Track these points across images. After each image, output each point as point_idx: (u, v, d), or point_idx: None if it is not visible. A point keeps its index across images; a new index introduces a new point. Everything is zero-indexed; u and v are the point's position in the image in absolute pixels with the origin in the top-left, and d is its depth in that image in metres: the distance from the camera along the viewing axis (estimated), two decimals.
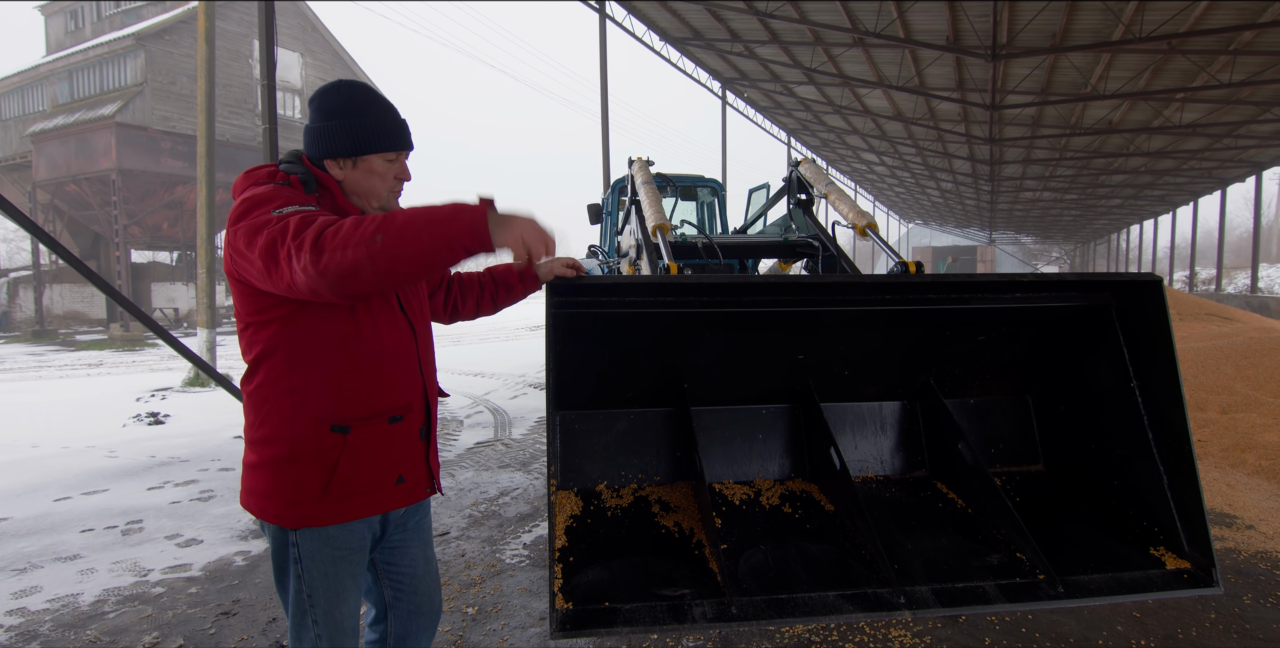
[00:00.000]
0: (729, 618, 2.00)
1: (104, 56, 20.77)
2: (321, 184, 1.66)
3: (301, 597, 1.65)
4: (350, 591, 1.71)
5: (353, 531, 1.67)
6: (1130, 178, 24.58)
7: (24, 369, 13.15)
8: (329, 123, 1.66)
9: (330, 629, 1.68)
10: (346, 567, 1.68)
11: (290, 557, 1.64)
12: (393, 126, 1.70)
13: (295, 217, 1.42)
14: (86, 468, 5.64)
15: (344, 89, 1.71)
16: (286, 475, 1.59)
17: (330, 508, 1.61)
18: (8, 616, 3.07)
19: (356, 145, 1.65)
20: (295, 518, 1.60)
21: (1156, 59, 11.90)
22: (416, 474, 1.77)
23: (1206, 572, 2.21)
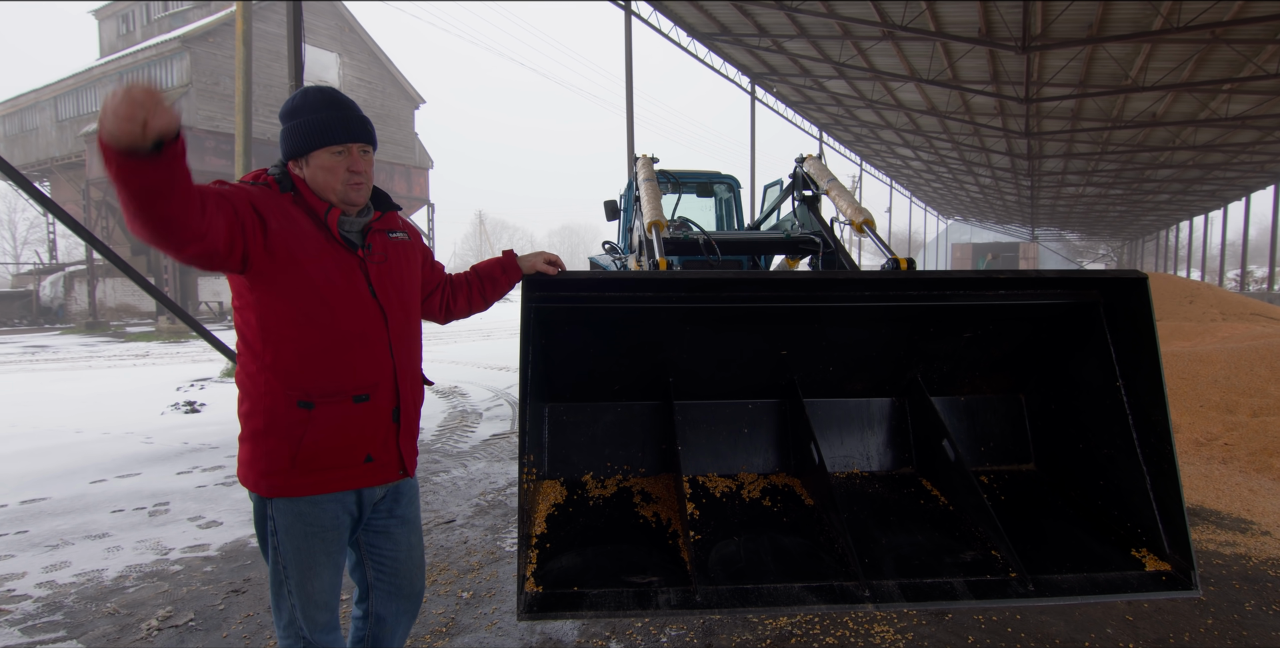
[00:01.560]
0: (692, 606, 2.06)
1: (152, 58, 21.55)
2: (293, 183, 1.81)
3: (278, 568, 1.77)
4: (323, 566, 1.80)
5: (324, 508, 1.77)
6: (1178, 172, 23.71)
7: (75, 359, 13.78)
8: (283, 127, 1.83)
9: (304, 601, 1.78)
10: (319, 543, 1.78)
11: (268, 529, 1.76)
12: (331, 121, 1.79)
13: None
14: (123, 453, 5.92)
15: (298, 94, 1.85)
16: (262, 446, 1.72)
17: (300, 480, 1.73)
18: (37, 588, 3.27)
19: (301, 143, 1.79)
20: (269, 487, 1.73)
21: (1200, 49, 11.47)
22: (387, 455, 1.86)
23: (1185, 575, 2.19)
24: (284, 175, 1.80)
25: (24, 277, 28.14)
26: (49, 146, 25.13)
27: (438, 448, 6.09)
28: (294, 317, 1.72)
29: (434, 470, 5.33)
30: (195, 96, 20.92)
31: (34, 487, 4.92)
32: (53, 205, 5.57)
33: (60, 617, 2.99)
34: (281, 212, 1.74)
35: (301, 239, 1.73)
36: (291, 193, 1.78)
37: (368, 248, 1.85)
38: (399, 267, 1.94)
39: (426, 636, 2.79)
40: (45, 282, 25.36)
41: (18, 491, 4.83)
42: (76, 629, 2.88)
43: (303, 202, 1.79)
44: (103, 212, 23.41)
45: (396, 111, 26.67)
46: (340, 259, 1.79)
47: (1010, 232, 55.70)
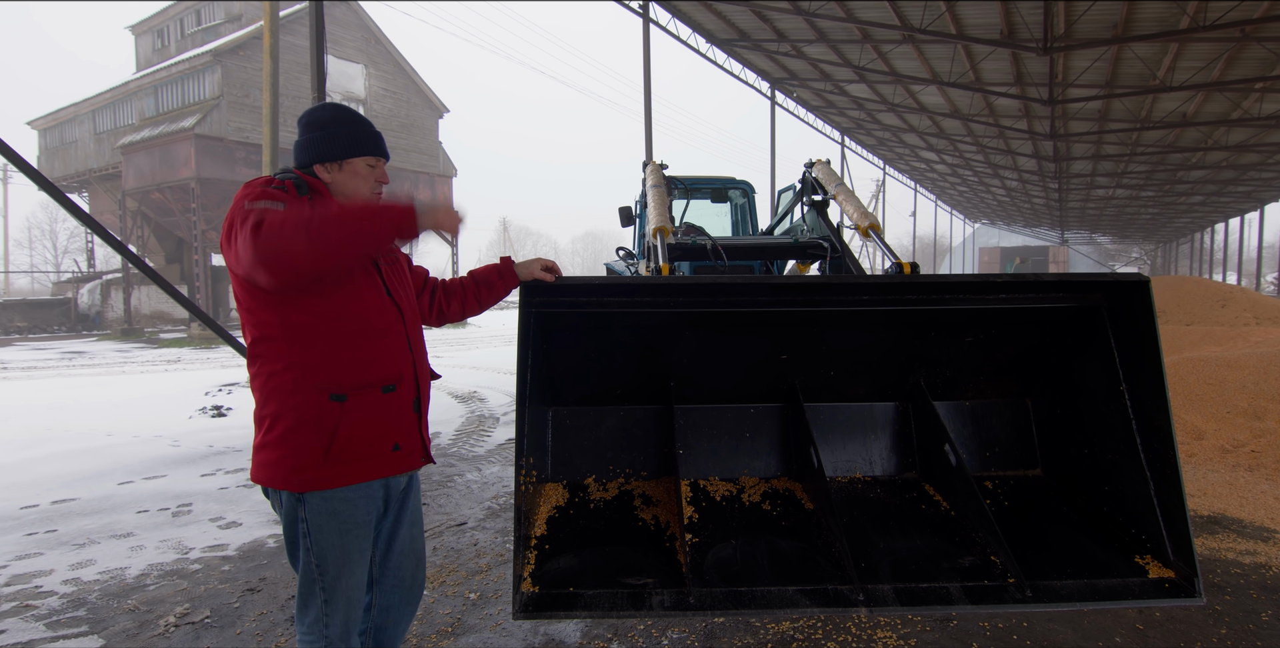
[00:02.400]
0: (685, 607, 2.08)
1: (185, 72, 22.16)
2: (312, 187, 1.88)
3: (310, 568, 1.81)
4: (357, 564, 1.86)
5: (356, 504, 1.83)
6: (1211, 173, 23.15)
7: (110, 365, 14.18)
8: (318, 134, 1.90)
9: (335, 598, 1.83)
10: (353, 540, 1.84)
11: (300, 531, 1.80)
12: (371, 136, 1.95)
13: (261, 207, 1.64)
14: (151, 455, 6.09)
15: (329, 107, 1.95)
16: (292, 443, 1.76)
17: (332, 471, 1.78)
18: (63, 584, 3.39)
19: (343, 149, 1.89)
20: (301, 482, 1.76)
21: (1230, 47, 11.22)
22: (411, 444, 1.95)
23: (1189, 582, 2.17)
24: (300, 180, 1.87)
25: (63, 284, 29.05)
26: (87, 158, 25.95)
27: (454, 452, 6.18)
28: (329, 314, 1.79)
29: (449, 474, 5.41)
30: (226, 108, 21.46)
31: (65, 488, 5.09)
32: (89, 219, 5.75)
33: (83, 613, 3.10)
34: None
35: None
36: (309, 196, 1.85)
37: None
38: (401, 269, 2.06)
39: (432, 635, 2.83)
40: (83, 289, 26.15)
41: (49, 491, 5.00)
42: (98, 625, 2.98)
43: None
44: (138, 221, 24.08)
45: (421, 121, 27.09)
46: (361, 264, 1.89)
47: (1040, 235, 54.74)
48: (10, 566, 3.64)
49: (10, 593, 3.31)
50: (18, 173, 42.58)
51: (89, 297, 25.86)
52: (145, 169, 22.44)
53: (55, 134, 27.51)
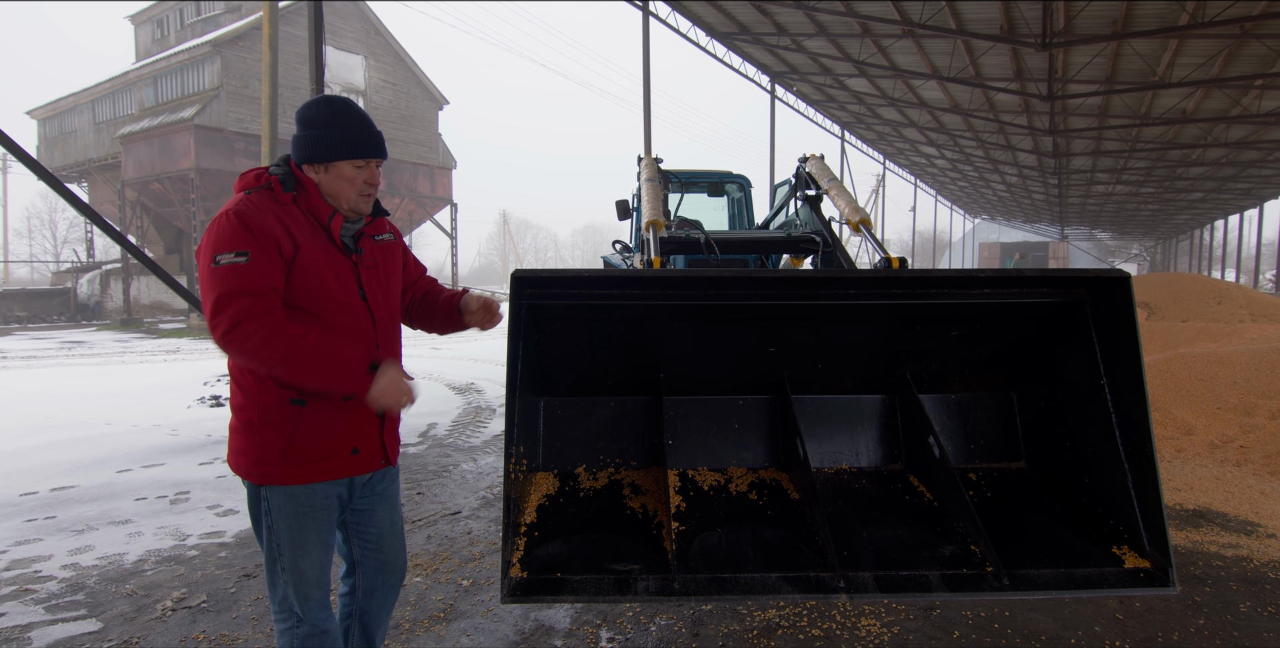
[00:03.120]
0: (670, 593, 2.12)
1: (185, 62, 22.10)
2: (300, 184, 1.89)
3: (272, 547, 1.88)
4: (314, 544, 1.91)
5: (314, 490, 1.88)
6: (1211, 170, 23.14)
7: (109, 355, 14.22)
8: (305, 132, 1.89)
9: (296, 578, 1.89)
10: (310, 522, 1.89)
11: (261, 509, 1.87)
12: (359, 137, 1.91)
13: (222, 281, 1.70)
14: (150, 444, 6.14)
15: (323, 103, 1.92)
16: (255, 438, 1.83)
17: (290, 470, 1.84)
18: (62, 569, 3.45)
19: (326, 152, 1.87)
20: (261, 476, 1.84)
21: (1229, 44, 11.21)
22: (370, 447, 1.97)
23: (1163, 572, 2.21)
24: (288, 175, 1.88)
25: (63, 274, 29.05)
26: (87, 148, 25.90)
27: (450, 442, 6.23)
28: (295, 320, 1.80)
29: (444, 465, 5.46)
30: (226, 99, 21.42)
31: (64, 475, 5.14)
32: (89, 210, 5.79)
33: (81, 597, 3.15)
34: (292, 221, 1.82)
35: (308, 247, 1.83)
36: (294, 193, 1.86)
37: (360, 252, 1.97)
38: (386, 270, 2.05)
39: (425, 621, 2.89)
40: (83, 279, 26.15)
41: (49, 479, 5.05)
42: (96, 609, 3.03)
43: (305, 203, 1.87)
44: (137, 212, 24.08)
45: (420, 113, 27.03)
46: (336, 263, 1.89)
47: (1039, 230, 54.73)
48: (10, 551, 3.69)
49: (10, 577, 3.36)
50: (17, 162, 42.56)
51: (88, 287, 25.88)
52: (144, 159, 22.42)
53: (54, 124, 27.45)
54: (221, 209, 1.79)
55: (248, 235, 1.73)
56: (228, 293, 1.69)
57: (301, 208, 1.87)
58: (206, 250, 1.74)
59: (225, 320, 1.68)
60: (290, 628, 1.92)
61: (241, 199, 1.80)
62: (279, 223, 1.79)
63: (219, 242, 1.73)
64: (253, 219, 1.75)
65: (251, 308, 1.69)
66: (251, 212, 1.76)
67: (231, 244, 1.72)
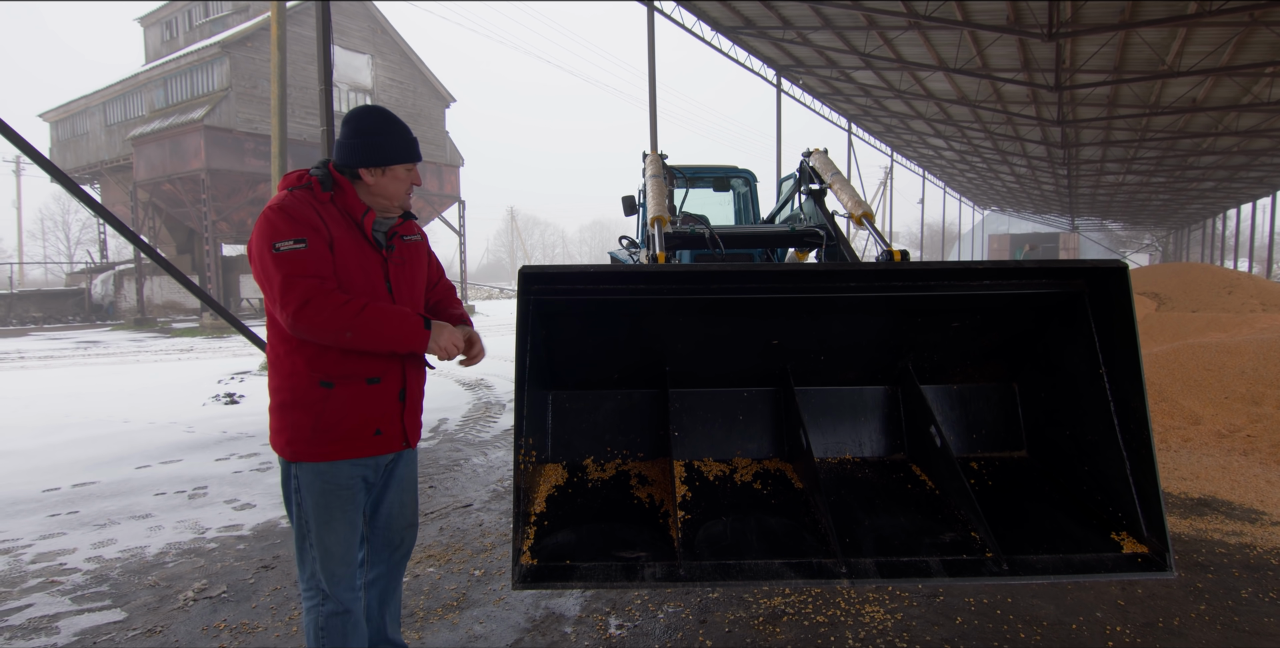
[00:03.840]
0: (676, 579, 2.19)
1: (194, 64, 22.26)
2: (337, 184, 2.06)
3: (302, 523, 2.02)
4: (340, 522, 2.03)
5: (339, 468, 2.02)
6: (1222, 159, 22.91)
7: (124, 354, 14.41)
8: (364, 139, 2.06)
9: (323, 554, 2.01)
10: (335, 500, 2.02)
11: (292, 487, 2.02)
12: (410, 143, 2.11)
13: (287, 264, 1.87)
14: (167, 441, 6.26)
15: (375, 113, 2.11)
16: (288, 417, 1.99)
17: (318, 449, 1.99)
18: (86, 562, 3.55)
19: (385, 157, 2.06)
20: (293, 453, 1.99)
21: (1239, 32, 11.10)
22: (392, 430, 2.11)
23: (1161, 557, 2.25)
24: (327, 176, 2.05)
25: (77, 275, 29.38)
26: (99, 150, 26.16)
27: (460, 437, 6.31)
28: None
29: (456, 458, 5.54)
30: (235, 99, 21.58)
31: (85, 472, 5.26)
32: (102, 210, 5.89)
33: (106, 588, 3.25)
34: (328, 216, 1.99)
35: (341, 240, 2.00)
36: (331, 192, 2.03)
37: (391, 250, 2.13)
38: (412, 267, 2.21)
39: (438, 609, 2.96)
40: (96, 280, 26.45)
41: (70, 475, 5.17)
42: (120, 599, 3.13)
43: (341, 202, 2.04)
44: (149, 212, 24.32)
45: (428, 111, 27.12)
46: (366, 257, 2.05)
47: (1049, 221, 54.32)
48: (36, 544, 3.80)
49: (37, 570, 3.46)
50: (30, 165, 43.00)
51: (102, 287, 26.17)
52: (156, 160, 22.63)
53: (67, 126, 27.72)
54: (267, 205, 1.96)
55: (301, 225, 1.92)
56: (292, 275, 1.86)
57: (338, 206, 2.04)
58: (263, 240, 1.90)
59: (294, 300, 1.84)
60: (316, 605, 2.03)
61: (286, 195, 1.97)
62: (318, 217, 1.96)
63: (276, 231, 1.90)
64: (299, 212, 1.93)
65: (315, 288, 1.87)
66: (297, 206, 1.94)
67: (289, 233, 1.90)
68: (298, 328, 1.87)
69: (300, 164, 20.36)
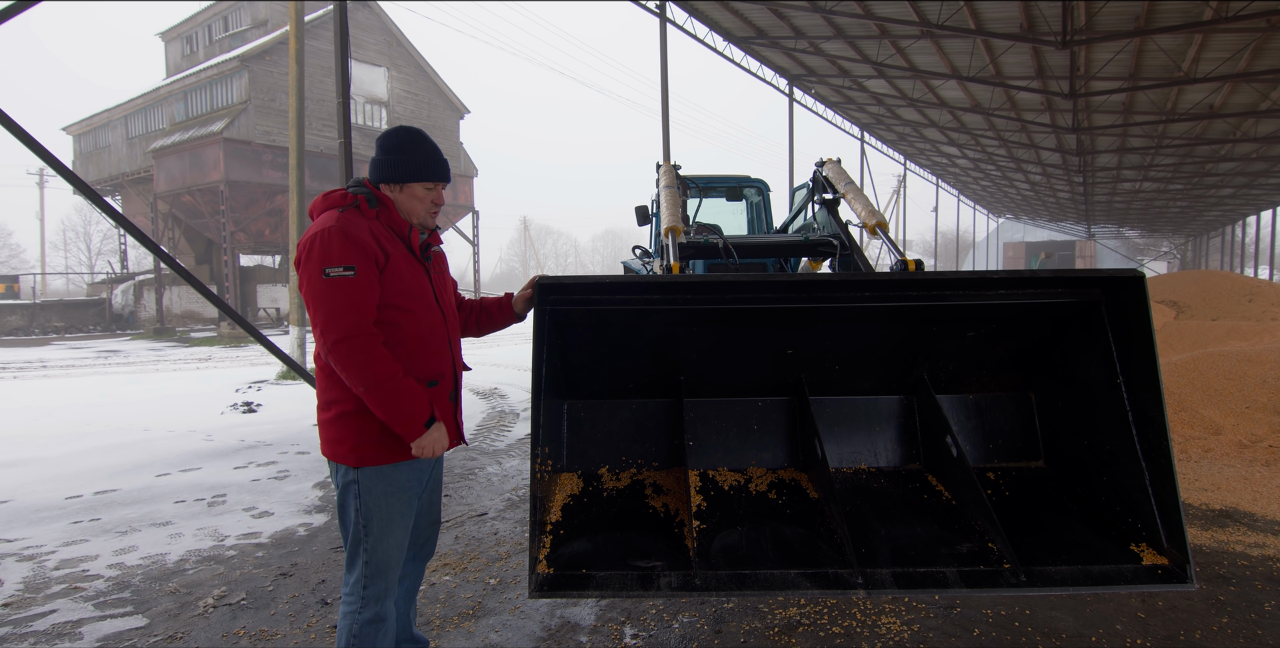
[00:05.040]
0: (692, 589, 2.19)
1: (213, 77, 22.67)
2: (381, 202, 2.15)
3: (358, 527, 2.07)
4: (398, 526, 2.11)
5: (401, 470, 2.10)
6: (1241, 165, 22.66)
7: (144, 363, 14.61)
8: (386, 157, 2.17)
9: (376, 556, 2.08)
10: (396, 502, 2.10)
11: (352, 492, 2.07)
12: (432, 163, 2.19)
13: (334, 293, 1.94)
14: (186, 449, 6.34)
15: (401, 133, 2.20)
16: (352, 426, 2.05)
17: (384, 451, 2.07)
18: (108, 568, 3.60)
19: (402, 174, 2.16)
20: (360, 459, 2.06)
21: (1256, 38, 11.01)
22: (448, 428, 2.21)
23: (1181, 568, 2.23)
24: (371, 194, 2.14)
25: (98, 285, 29.86)
26: (120, 162, 26.64)
27: (475, 446, 6.34)
28: (388, 319, 2.06)
29: (470, 467, 5.57)
30: (254, 112, 21.93)
31: (106, 480, 5.33)
32: (124, 221, 6.02)
33: (128, 594, 3.29)
34: (381, 234, 2.08)
35: (395, 255, 2.09)
36: (377, 209, 2.12)
37: (429, 260, 2.25)
38: (445, 277, 2.35)
39: (454, 617, 2.98)
40: (117, 290, 26.86)
41: (92, 483, 5.25)
42: (142, 605, 3.17)
43: (387, 218, 2.14)
44: (169, 224, 24.70)
45: (442, 122, 27.41)
46: (415, 270, 2.17)
47: (1065, 229, 53.85)
48: (59, 551, 3.86)
49: (60, 576, 3.52)
50: (53, 177, 43.84)
51: (122, 297, 26.57)
52: (176, 172, 23.01)
53: (89, 139, 28.26)
54: (322, 224, 2.01)
55: (354, 250, 1.97)
56: (339, 308, 1.94)
57: (383, 222, 2.13)
58: (314, 262, 1.96)
59: (336, 332, 1.93)
60: (354, 611, 2.07)
61: (340, 216, 2.03)
62: (372, 237, 2.03)
63: (327, 254, 1.95)
64: (354, 235, 1.99)
65: (358, 325, 1.95)
66: (351, 228, 2.00)
67: (341, 258, 1.95)
68: (332, 358, 1.96)
69: (317, 176, 20.62)
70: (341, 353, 1.93)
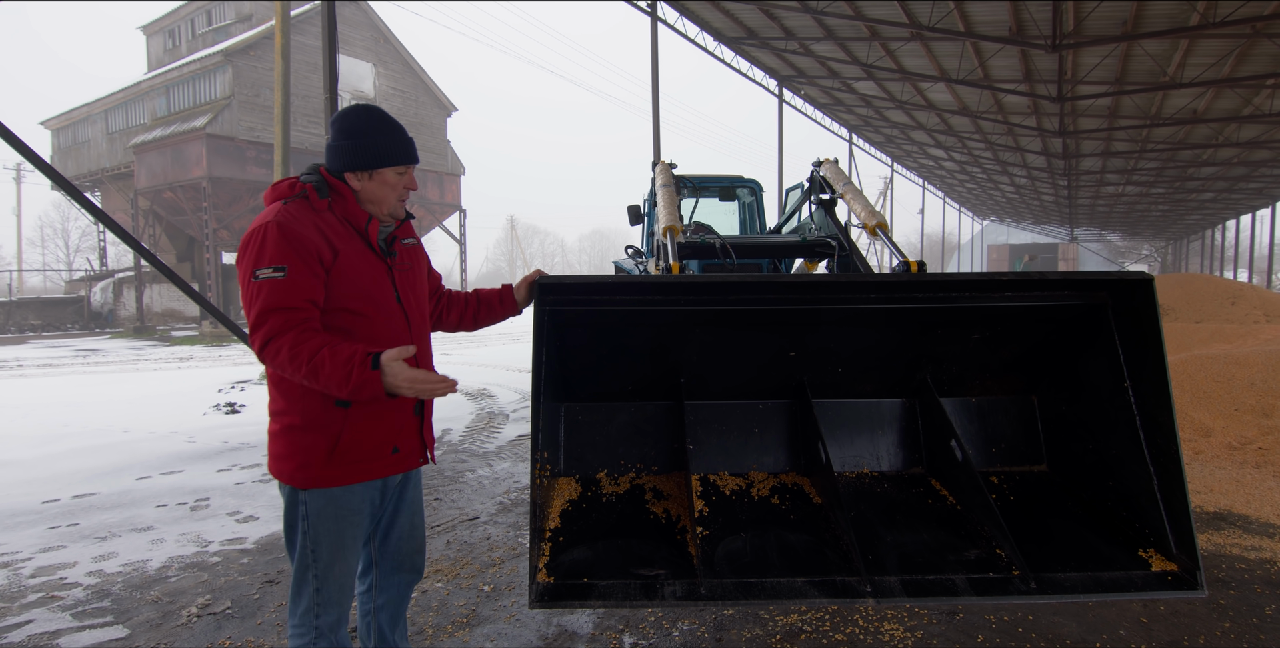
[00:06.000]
0: (697, 597, 2.13)
1: (196, 72, 22.32)
2: (335, 190, 1.92)
3: (306, 552, 1.89)
4: (350, 550, 1.94)
5: (354, 492, 1.92)
6: (1222, 170, 22.99)
7: (124, 362, 14.34)
8: (348, 142, 1.92)
9: (327, 583, 1.90)
10: (347, 526, 1.92)
11: (299, 514, 1.89)
12: (400, 144, 1.96)
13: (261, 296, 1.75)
14: (168, 451, 6.19)
15: (361, 113, 1.96)
16: (299, 442, 1.85)
17: (335, 472, 1.87)
18: (87, 576, 3.48)
19: (371, 160, 1.92)
20: (305, 479, 1.86)
21: (1240, 44, 11.15)
22: (410, 445, 2.02)
23: (1191, 575, 2.20)
24: (323, 183, 1.91)
25: (76, 283, 29.33)
26: (100, 158, 26.18)
27: (465, 448, 6.25)
28: (338, 324, 1.86)
29: (460, 470, 5.48)
30: (237, 108, 21.62)
31: (85, 483, 5.19)
32: (104, 216, 5.86)
33: (108, 603, 3.18)
34: (329, 228, 1.86)
35: (346, 252, 1.87)
36: (329, 199, 1.90)
37: (394, 256, 2.02)
38: (415, 274, 2.11)
39: (448, 626, 2.90)
40: (96, 288, 26.40)
41: (69, 486, 5.10)
42: (123, 615, 3.06)
43: (341, 209, 1.92)
44: (150, 220, 24.30)
45: (429, 119, 27.19)
46: (374, 268, 1.94)
47: (1048, 232, 54.43)
48: (35, 558, 3.73)
49: (36, 584, 3.39)
50: (30, 172, 43.05)
51: (101, 295, 26.12)
52: (157, 168, 22.64)
53: (69, 134, 27.76)
54: (259, 220, 1.80)
55: (287, 248, 1.76)
56: (265, 309, 1.74)
57: (337, 214, 1.92)
58: (247, 263, 1.78)
59: (261, 336, 1.74)
60: (308, 643, 1.91)
61: (280, 210, 1.82)
62: (318, 232, 1.83)
63: (259, 255, 1.76)
64: (292, 231, 1.78)
65: (284, 323, 1.74)
66: (290, 223, 1.79)
67: (271, 258, 1.75)
68: (264, 363, 1.79)
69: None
70: (270, 354, 1.74)
